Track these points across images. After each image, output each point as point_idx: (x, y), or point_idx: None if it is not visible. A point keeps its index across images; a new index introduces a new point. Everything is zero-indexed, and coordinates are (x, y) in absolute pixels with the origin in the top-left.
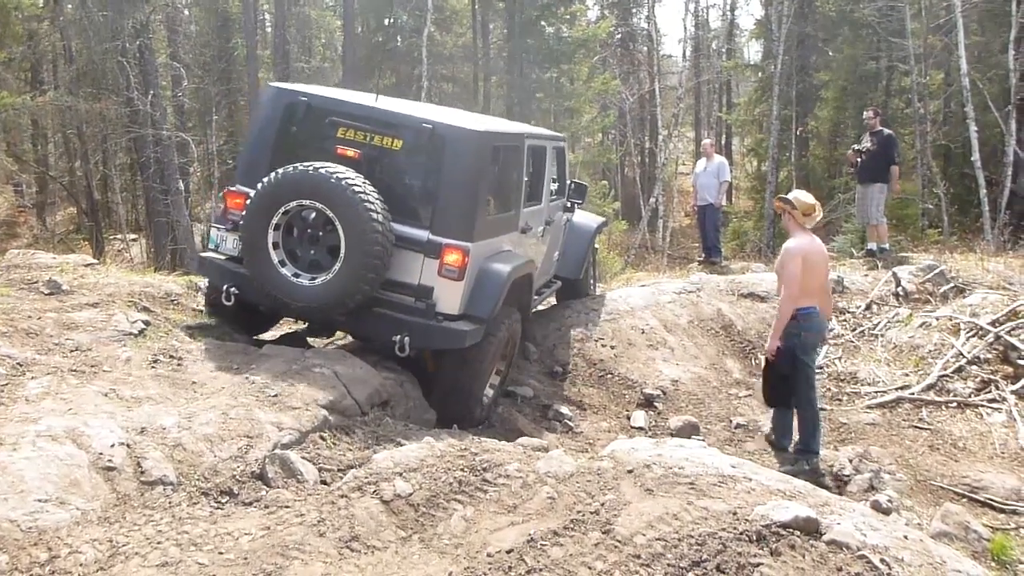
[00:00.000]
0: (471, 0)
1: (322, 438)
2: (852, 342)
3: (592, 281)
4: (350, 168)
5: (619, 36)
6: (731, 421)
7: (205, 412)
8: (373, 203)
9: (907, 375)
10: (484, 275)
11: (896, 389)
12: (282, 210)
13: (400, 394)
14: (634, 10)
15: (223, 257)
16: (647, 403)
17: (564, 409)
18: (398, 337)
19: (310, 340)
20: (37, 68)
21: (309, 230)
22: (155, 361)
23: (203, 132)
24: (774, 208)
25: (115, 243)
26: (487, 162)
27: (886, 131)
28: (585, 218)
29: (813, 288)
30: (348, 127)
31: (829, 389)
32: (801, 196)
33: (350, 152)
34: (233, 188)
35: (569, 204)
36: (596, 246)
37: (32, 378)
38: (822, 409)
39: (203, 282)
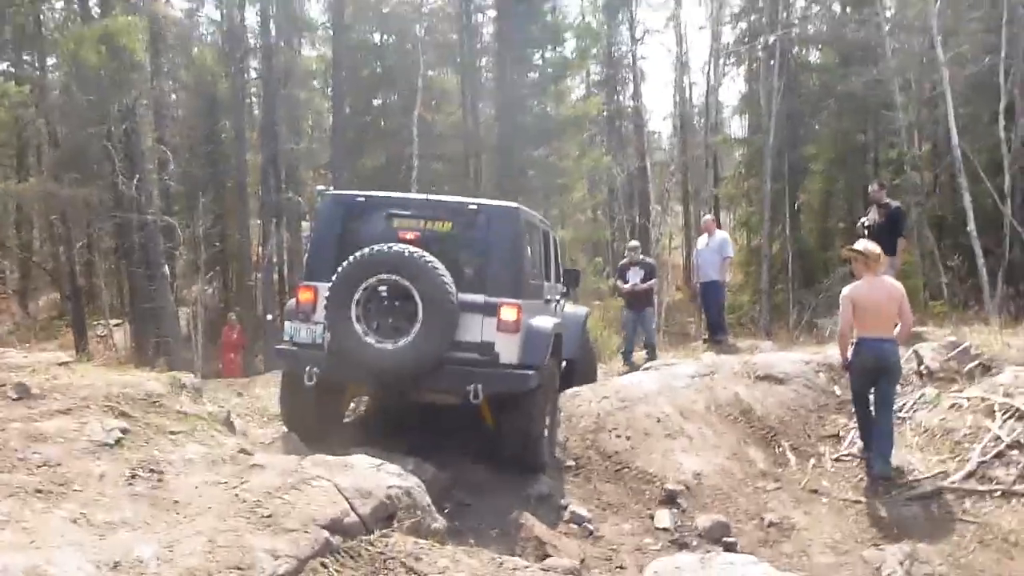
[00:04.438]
0: (460, 80)
1: (323, 565)
2: None
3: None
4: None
5: (606, 114)
6: (763, 519)
7: (189, 539)
8: (443, 272)
9: (943, 462)
10: (532, 330)
11: (933, 477)
12: (363, 286)
13: (408, 504)
14: (619, 88)
15: (298, 347)
16: (669, 500)
17: (582, 511)
18: (471, 386)
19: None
20: (22, 153)
21: (386, 301)
22: (133, 476)
23: (190, 215)
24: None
25: (98, 328)
26: (524, 233)
27: (894, 204)
28: (574, 308)
29: None
30: (405, 217)
31: (862, 479)
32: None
33: (410, 236)
34: (303, 284)
35: (565, 289)
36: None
37: None
38: (856, 502)
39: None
